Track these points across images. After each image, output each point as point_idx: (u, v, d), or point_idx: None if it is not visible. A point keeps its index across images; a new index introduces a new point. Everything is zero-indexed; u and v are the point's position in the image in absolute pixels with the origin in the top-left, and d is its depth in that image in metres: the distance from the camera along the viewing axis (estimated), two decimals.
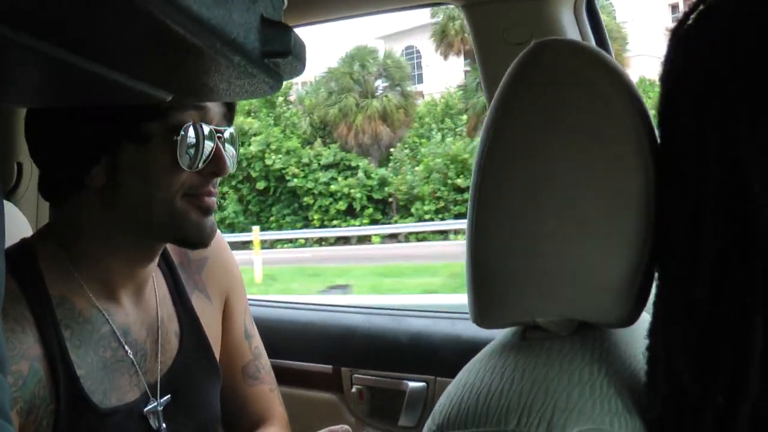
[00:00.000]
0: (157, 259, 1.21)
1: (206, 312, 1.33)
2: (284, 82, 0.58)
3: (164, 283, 1.28)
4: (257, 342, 1.46)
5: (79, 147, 1.10)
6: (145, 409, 1.14)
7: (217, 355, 1.32)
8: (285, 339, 2.09)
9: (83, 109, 1.08)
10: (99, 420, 1.09)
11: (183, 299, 1.29)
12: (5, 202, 1.59)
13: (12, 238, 1.41)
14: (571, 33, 1.52)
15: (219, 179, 1.15)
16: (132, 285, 1.18)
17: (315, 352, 2.03)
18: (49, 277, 1.09)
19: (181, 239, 1.15)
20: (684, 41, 0.69)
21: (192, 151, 1.09)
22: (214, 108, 1.15)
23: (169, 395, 1.18)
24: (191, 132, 1.09)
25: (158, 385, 1.17)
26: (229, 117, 1.19)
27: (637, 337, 0.85)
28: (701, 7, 0.68)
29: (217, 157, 1.13)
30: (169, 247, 1.31)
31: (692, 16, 0.69)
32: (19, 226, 1.60)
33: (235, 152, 1.20)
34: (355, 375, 1.94)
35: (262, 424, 1.41)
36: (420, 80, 34.45)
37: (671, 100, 0.71)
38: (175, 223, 1.11)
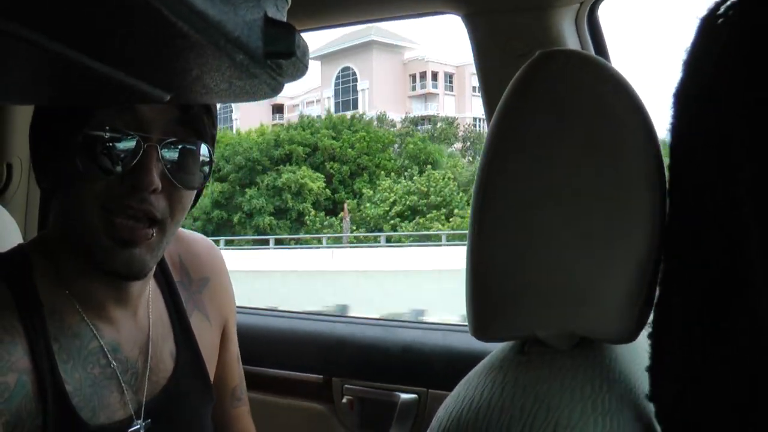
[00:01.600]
0: (142, 279, 1.12)
1: (204, 333, 1.28)
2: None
3: (162, 302, 1.23)
4: (241, 364, 1.45)
5: (34, 147, 1.08)
6: (129, 431, 1.09)
7: (211, 377, 1.30)
8: (276, 348, 2.07)
9: (39, 108, 1.05)
10: None
11: (181, 319, 1.24)
12: None
13: (0, 240, 1.40)
14: (572, 44, 1.51)
15: (154, 196, 1.02)
16: (121, 301, 1.12)
17: (306, 361, 2.02)
18: (42, 287, 1.05)
19: (94, 264, 1.04)
20: (715, 30, 0.66)
21: (100, 157, 0.98)
22: (155, 114, 1.02)
23: (149, 419, 1.13)
24: (95, 136, 0.98)
25: (142, 406, 1.12)
26: (191, 127, 1.06)
27: (637, 352, 0.83)
28: None
29: (138, 168, 0.99)
30: (169, 264, 1.27)
31: (724, 6, 0.66)
32: (8, 228, 1.58)
33: (194, 170, 1.06)
34: (346, 385, 1.92)
35: None
36: None
37: (693, 90, 0.69)
38: (86, 241, 1.02)
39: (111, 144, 0.99)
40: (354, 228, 30.62)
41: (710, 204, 0.65)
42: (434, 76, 52.04)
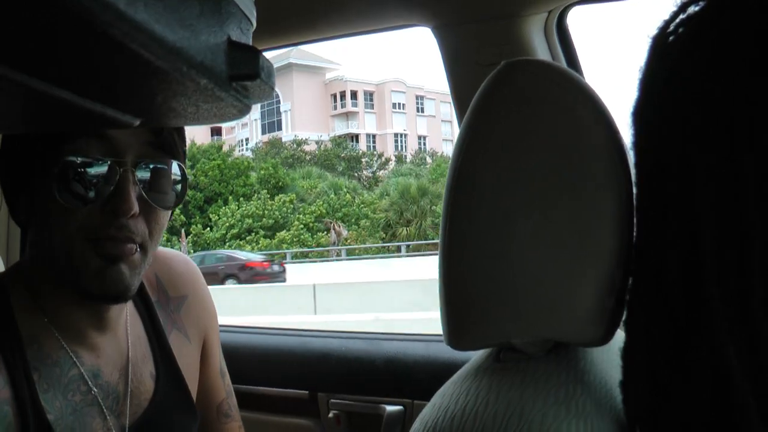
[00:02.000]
0: (126, 301, 1.12)
1: (184, 351, 1.28)
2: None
3: (140, 323, 1.23)
4: (228, 379, 1.44)
5: (5, 178, 1.08)
6: None
7: (194, 395, 1.29)
8: (260, 365, 2.07)
9: (7, 141, 1.04)
10: None
11: (160, 340, 1.24)
12: None
13: None
14: (542, 53, 1.53)
15: (132, 220, 1.03)
16: (100, 326, 1.12)
17: (291, 377, 2.02)
18: (19, 316, 1.04)
19: (82, 290, 1.04)
20: (666, 49, 0.68)
21: (77, 186, 0.99)
22: (128, 138, 1.02)
23: None
24: (70, 165, 0.98)
25: (126, 431, 1.12)
26: (163, 147, 1.07)
27: (612, 355, 0.84)
28: (682, 16, 0.67)
29: (115, 194, 1.00)
30: (146, 283, 1.26)
31: (673, 24, 0.67)
32: None
33: (168, 189, 1.07)
34: (332, 400, 1.92)
35: None
36: None
37: (649, 109, 0.70)
38: (74, 269, 1.02)
39: (87, 172, 0.99)
40: (191, 251, 32.41)
41: (669, 228, 0.66)
42: (354, 95, 53.79)
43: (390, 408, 1.83)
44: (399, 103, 55.69)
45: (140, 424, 1.14)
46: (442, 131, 57.07)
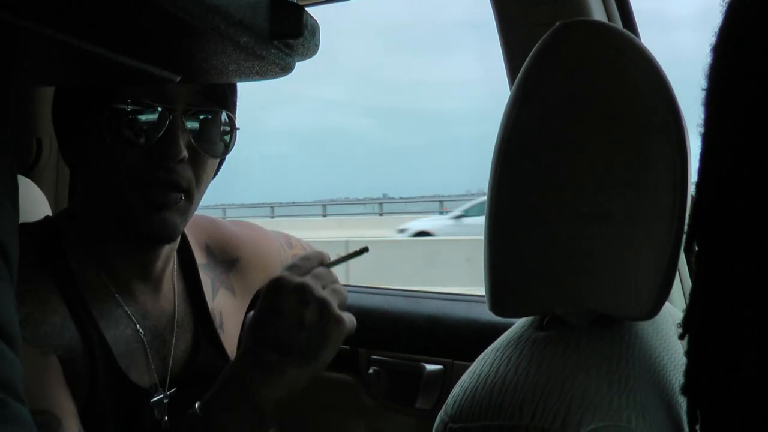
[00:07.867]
0: (173, 242, 1.14)
1: (228, 306, 1.30)
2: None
3: (183, 284, 1.24)
4: (294, 251, 1.51)
5: (58, 121, 1.09)
6: (152, 401, 1.10)
7: (234, 345, 1.30)
8: None
9: (66, 89, 1.05)
10: (137, 397, 1.08)
11: (201, 304, 1.25)
12: (23, 178, 1.58)
13: (30, 215, 1.41)
14: (597, 14, 1.48)
15: (180, 166, 1.04)
16: (147, 278, 1.14)
17: None
18: (72, 259, 1.07)
19: (129, 231, 1.07)
20: (745, 12, 0.64)
21: (127, 131, 1.00)
22: (178, 86, 1.01)
23: (174, 389, 1.14)
24: (121, 110, 1.00)
25: (168, 375, 1.14)
26: (213, 97, 1.08)
27: (659, 329, 0.82)
28: None
29: (164, 138, 1.01)
30: (196, 247, 1.28)
31: None
32: (38, 202, 1.58)
33: (217, 138, 1.08)
34: (373, 356, 1.93)
35: None
36: None
37: (726, 69, 0.66)
38: (121, 213, 1.04)
39: (137, 117, 1.01)
40: None
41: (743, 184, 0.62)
42: None
43: (430, 367, 1.83)
44: None
45: (181, 376, 1.16)
46: None
